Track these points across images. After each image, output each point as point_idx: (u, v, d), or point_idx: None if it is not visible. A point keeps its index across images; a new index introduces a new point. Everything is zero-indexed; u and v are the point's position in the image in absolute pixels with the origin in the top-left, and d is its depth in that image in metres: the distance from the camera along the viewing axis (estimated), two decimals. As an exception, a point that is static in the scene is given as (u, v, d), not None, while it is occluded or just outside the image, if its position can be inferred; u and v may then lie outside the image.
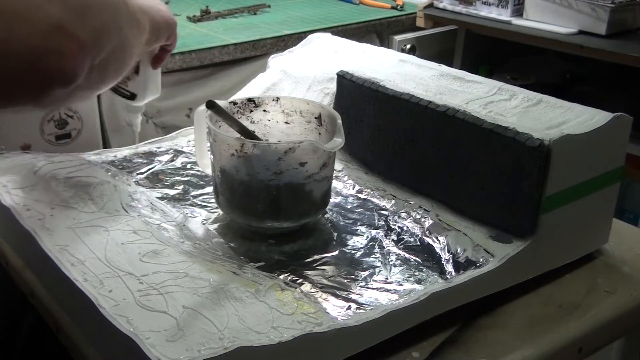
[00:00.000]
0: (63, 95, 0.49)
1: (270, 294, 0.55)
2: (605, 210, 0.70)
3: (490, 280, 0.60)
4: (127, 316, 0.50)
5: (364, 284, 0.59)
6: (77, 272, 0.55)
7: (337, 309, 0.55)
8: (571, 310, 0.63)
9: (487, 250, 0.62)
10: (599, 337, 0.63)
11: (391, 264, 0.62)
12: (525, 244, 0.62)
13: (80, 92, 0.55)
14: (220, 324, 0.50)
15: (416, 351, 0.56)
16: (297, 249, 0.64)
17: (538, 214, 0.62)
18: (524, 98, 0.70)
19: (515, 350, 0.57)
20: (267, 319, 0.51)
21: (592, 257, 0.70)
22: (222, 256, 0.60)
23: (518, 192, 0.62)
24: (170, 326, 0.49)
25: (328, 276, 0.60)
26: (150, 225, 0.63)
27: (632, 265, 0.70)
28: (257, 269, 0.59)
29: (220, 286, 0.55)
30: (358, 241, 0.66)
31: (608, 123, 0.64)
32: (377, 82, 0.74)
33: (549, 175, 0.60)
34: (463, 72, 0.78)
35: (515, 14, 1.63)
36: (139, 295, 0.52)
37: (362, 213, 0.71)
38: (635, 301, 0.65)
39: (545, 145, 0.60)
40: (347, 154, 0.80)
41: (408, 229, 0.67)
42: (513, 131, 0.62)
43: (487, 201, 0.65)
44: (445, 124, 0.67)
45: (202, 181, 0.76)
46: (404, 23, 1.65)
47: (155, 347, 0.47)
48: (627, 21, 1.55)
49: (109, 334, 0.49)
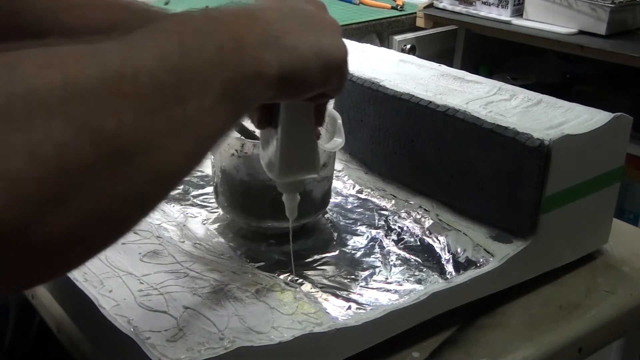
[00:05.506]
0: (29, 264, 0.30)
1: (270, 294, 0.55)
2: (605, 210, 0.70)
3: (490, 280, 0.60)
4: (127, 316, 0.50)
5: (364, 284, 0.59)
6: (77, 272, 0.55)
7: (338, 309, 0.55)
8: (571, 310, 0.63)
9: (487, 250, 0.62)
10: (599, 337, 0.63)
11: (391, 264, 0.62)
12: (525, 244, 0.62)
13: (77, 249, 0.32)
14: (220, 324, 0.50)
15: (416, 351, 0.56)
16: (297, 249, 0.64)
17: (538, 214, 0.62)
18: (524, 98, 0.70)
19: (515, 350, 0.57)
20: (267, 319, 0.51)
21: (592, 257, 0.70)
22: (223, 256, 0.60)
23: (518, 192, 0.62)
24: (171, 326, 0.49)
25: (328, 276, 0.60)
26: (151, 225, 0.63)
27: (632, 265, 0.70)
28: (257, 269, 0.59)
29: (221, 286, 0.55)
30: (358, 241, 0.66)
31: (608, 123, 0.64)
32: (377, 82, 0.74)
33: (549, 175, 0.60)
34: (463, 72, 0.78)
35: (515, 14, 1.63)
36: (139, 295, 0.52)
37: (362, 213, 0.71)
38: (635, 301, 0.65)
39: (545, 145, 0.60)
40: (347, 154, 0.80)
41: (408, 229, 0.67)
42: (513, 131, 0.62)
43: (487, 201, 0.65)
44: (445, 124, 0.67)
45: (202, 181, 0.76)
46: (404, 23, 1.65)
47: (155, 347, 0.47)
48: (627, 21, 1.55)
49: (109, 334, 0.49)
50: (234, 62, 0.36)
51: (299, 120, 0.50)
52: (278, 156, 0.51)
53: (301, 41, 0.40)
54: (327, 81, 0.43)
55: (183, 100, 0.33)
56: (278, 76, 0.39)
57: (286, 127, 0.49)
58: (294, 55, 0.40)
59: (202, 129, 0.35)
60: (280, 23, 0.40)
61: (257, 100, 0.40)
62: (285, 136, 0.50)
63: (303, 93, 0.43)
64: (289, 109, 0.50)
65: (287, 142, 0.50)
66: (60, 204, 0.29)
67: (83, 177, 0.29)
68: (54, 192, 0.28)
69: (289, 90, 0.41)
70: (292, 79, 0.40)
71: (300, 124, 0.50)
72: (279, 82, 0.39)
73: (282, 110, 0.49)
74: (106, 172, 0.30)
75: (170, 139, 0.33)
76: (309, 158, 0.52)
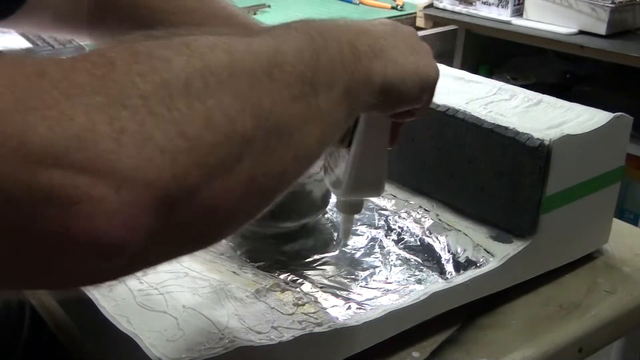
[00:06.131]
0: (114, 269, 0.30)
1: (270, 293, 0.55)
2: (605, 210, 0.70)
3: (490, 280, 0.60)
4: (127, 316, 0.50)
5: (364, 283, 0.59)
6: (77, 272, 0.55)
7: (338, 309, 0.55)
8: (571, 310, 0.63)
9: (487, 250, 0.62)
10: (599, 337, 0.63)
11: (391, 264, 0.62)
12: (525, 244, 0.62)
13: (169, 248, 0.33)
14: (220, 324, 0.50)
15: (416, 351, 0.56)
16: (297, 249, 0.64)
17: (538, 214, 0.62)
18: (524, 98, 0.70)
19: (515, 350, 0.57)
20: (267, 319, 0.51)
21: (592, 257, 0.70)
22: (222, 256, 0.60)
23: (518, 192, 0.62)
24: (171, 326, 0.49)
25: (328, 276, 0.60)
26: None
27: (632, 265, 0.70)
28: (257, 268, 0.59)
29: (221, 286, 0.55)
30: (358, 241, 0.66)
31: (608, 123, 0.64)
32: (377, 82, 0.74)
33: (549, 175, 0.60)
34: (463, 72, 0.77)
35: (515, 14, 1.63)
36: (139, 295, 0.52)
37: (362, 213, 0.71)
38: (635, 301, 0.65)
39: (546, 145, 0.60)
40: (347, 154, 0.80)
41: (408, 228, 0.67)
42: (513, 131, 0.62)
43: (487, 201, 0.65)
44: (445, 124, 0.67)
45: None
46: (403, 23, 1.65)
47: (155, 346, 0.47)
48: (627, 21, 1.55)
49: (109, 334, 0.49)
50: (351, 65, 0.40)
51: (376, 139, 0.51)
52: (348, 173, 0.51)
53: (404, 57, 0.44)
54: (420, 98, 0.46)
55: (316, 92, 0.36)
56: (381, 84, 0.42)
57: (362, 144, 0.50)
58: (397, 68, 0.43)
59: (330, 120, 0.38)
60: (386, 39, 0.43)
61: (367, 106, 0.43)
62: (359, 153, 0.51)
63: (399, 105, 0.46)
64: (369, 126, 0.51)
65: (360, 161, 0.51)
66: (224, 171, 0.31)
67: (244, 147, 0.32)
68: (222, 158, 0.31)
69: (388, 100, 0.44)
70: (392, 90, 0.43)
71: (376, 143, 0.51)
72: (381, 90, 0.42)
73: (361, 127, 0.50)
74: (261, 146, 0.33)
75: (307, 124, 0.36)
76: (377, 178, 0.53)
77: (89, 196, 0.26)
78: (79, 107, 0.27)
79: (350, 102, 0.39)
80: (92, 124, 0.26)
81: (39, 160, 0.25)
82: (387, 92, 0.43)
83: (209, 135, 0.30)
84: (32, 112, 0.26)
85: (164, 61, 0.30)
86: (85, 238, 0.26)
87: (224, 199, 0.31)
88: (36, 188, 0.25)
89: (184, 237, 0.32)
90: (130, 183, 0.27)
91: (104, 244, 0.27)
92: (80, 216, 0.26)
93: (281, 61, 0.35)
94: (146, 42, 0.32)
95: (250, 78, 0.33)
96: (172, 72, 0.30)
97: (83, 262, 0.28)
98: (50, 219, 0.26)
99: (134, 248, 0.28)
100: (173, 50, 0.31)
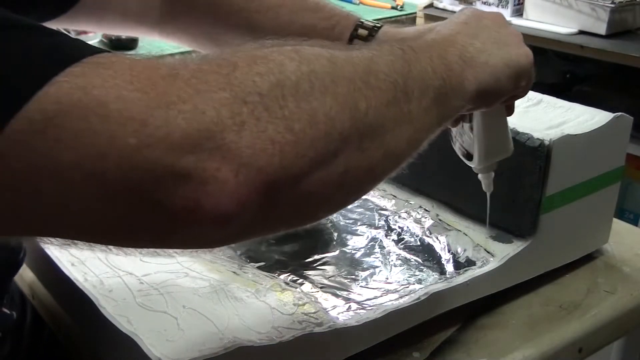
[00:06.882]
0: (221, 236, 0.35)
1: (270, 294, 0.55)
2: (605, 210, 0.70)
3: (490, 280, 0.60)
4: (127, 316, 0.50)
5: (364, 284, 0.59)
6: (77, 272, 0.55)
7: (338, 309, 0.55)
8: (571, 310, 0.63)
9: (487, 250, 0.62)
10: (599, 337, 0.63)
11: (391, 264, 0.62)
12: (525, 244, 0.62)
13: (272, 224, 0.38)
14: (220, 324, 0.50)
15: (416, 351, 0.56)
16: (297, 249, 0.64)
17: (538, 214, 0.62)
18: (524, 98, 0.70)
19: (515, 350, 0.57)
20: (267, 319, 0.51)
21: (592, 257, 0.70)
22: (222, 256, 0.60)
23: (518, 192, 0.62)
24: (171, 326, 0.49)
25: (328, 276, 0.60)
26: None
27: (632, 265, 0.70)
28: (257, 269, 0.59)
29: (221, 286, 0.55)
30: (358, 241, 0.66)
31: (608, 123, 0.64)
32: (377, 82, 0.74)
33: (549, 175, 0.60)
34: (463, 72, 0.77)
35: (515, 14, 1.63)
36: (139, 295, 0.52)
37: (363, 213, 0.71)
38: (635, 301, 0.65)
39: (545, 145, 0.60)
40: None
41: (408, 229, 0.67)
42: (513, 131, 0.62)
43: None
44: (445, 124, 0.67)
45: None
46: (404, 23, 1.65)
47: (155, 346, 0.47)
48: (627, 21, 1.55)
49: (109, 334, 0.49)
50: (442, 75, 0.43)
51: (493, 113, 0.55)
52: (477, 147, 0.56)
53: (493, 56, 0.47)
54: (517, 86, 0.49)
55: (409, 99, 0.40)
56: (476, 90, 0.45)
57: (483, 120, 0.55)
58: (488, 70, 0.46)
59: (420, 124, 0.42)
60: (473, 44, 0.46)
61: (460, 110, 0.46)
62: (482, 128, 0.55)
63: (496, 101, 0.49)
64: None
65: (484, 134, 0.56)
66: (322, 165, 0.35)
67: (341, 144, 0.36)
68: (321, 153, 0.35)
69: (484, 101, 0.48)
70: (487, 92, 0.46)
71: (494, 116, 0.55)
72: (477, 95, 0.45)
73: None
74: (355, 144, 0.37)
75: (399, 127, 0.40)
76: (504, 143, 0.57)
77: (215, 178, 0.32)
78: (209, 102, 0.32)
79: (441, 108, 0.43)
80: (220, 118, 0.32)
81: (181, 148, 0.31)
82: (483, 94, 0.46)
83: (311, 131, 0.34)
84: (172, 107, 0.31)
85: (278, 64, 0.35)
86: (210, 210, 0.32)
87: (319, 187, 0.36)
88: (176, 171, 0.31)
89: (283, 216, 0.36)
90: (247, 168, 0.32)
91: (223, 215, 0.32)
92: (209, 193, 0.32)
93: (376, 70, 0.39)
94: (262, 49, 0.37)
95: (349, 84, 0.37)
96: (285, 74, 0.35)
97: (205, 229, 0.33)
98: (185, 196, 0.32)
99: (244, 220, 0.33)
100: (285, 56, 0.36)
